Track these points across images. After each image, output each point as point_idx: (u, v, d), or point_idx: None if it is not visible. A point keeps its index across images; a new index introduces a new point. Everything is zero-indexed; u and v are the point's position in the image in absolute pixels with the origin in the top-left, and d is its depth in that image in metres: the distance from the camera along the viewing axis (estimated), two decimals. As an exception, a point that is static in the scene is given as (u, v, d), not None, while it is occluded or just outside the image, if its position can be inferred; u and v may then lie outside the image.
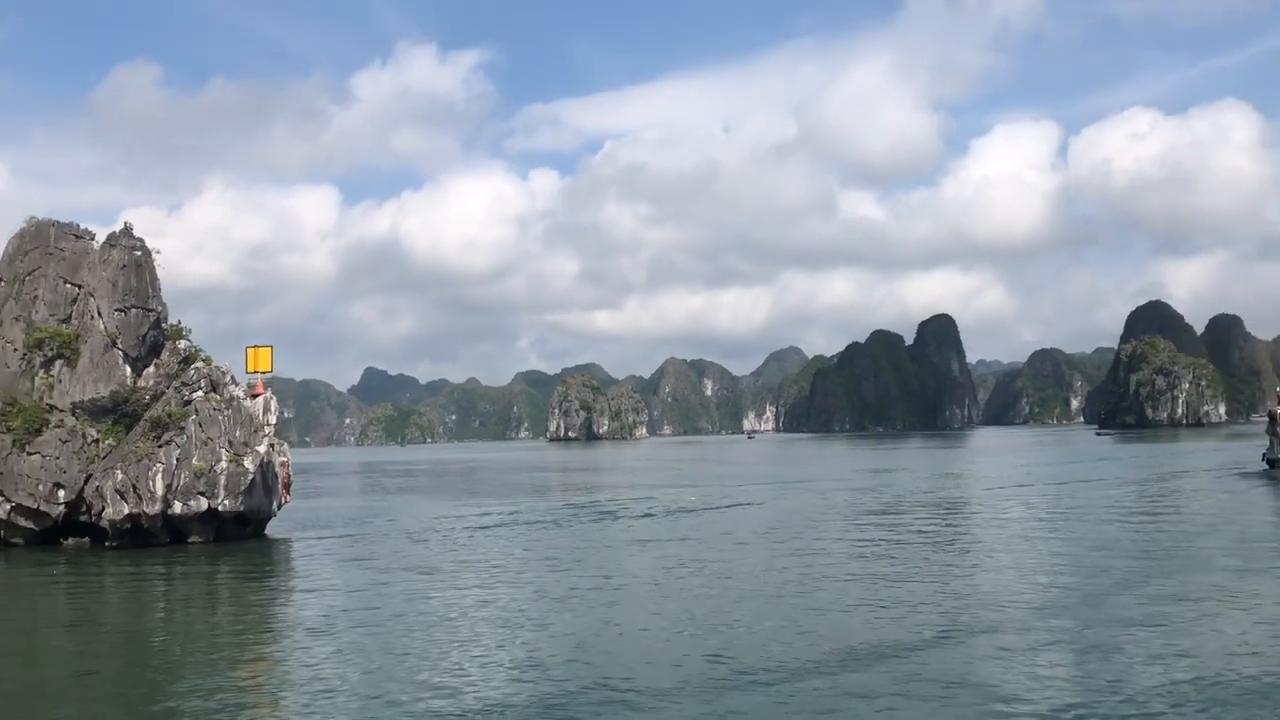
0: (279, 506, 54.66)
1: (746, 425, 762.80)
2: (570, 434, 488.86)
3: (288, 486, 55.50)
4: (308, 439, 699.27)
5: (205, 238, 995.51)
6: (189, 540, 50.63)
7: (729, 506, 66.75)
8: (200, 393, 51.14)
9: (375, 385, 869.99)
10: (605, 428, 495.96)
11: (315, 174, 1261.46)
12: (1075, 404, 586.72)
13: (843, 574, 36.62)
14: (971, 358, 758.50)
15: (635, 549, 46.04)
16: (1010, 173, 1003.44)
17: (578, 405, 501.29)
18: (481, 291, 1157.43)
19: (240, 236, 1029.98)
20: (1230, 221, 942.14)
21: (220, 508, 50.00)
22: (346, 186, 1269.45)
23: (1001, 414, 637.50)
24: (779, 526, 53.59)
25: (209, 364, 53.62)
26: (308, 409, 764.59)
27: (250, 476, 50.24)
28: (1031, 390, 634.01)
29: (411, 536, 52.99)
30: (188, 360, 52.95)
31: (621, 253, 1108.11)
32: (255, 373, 54.59)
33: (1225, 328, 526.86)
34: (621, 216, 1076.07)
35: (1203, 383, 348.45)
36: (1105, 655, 23.99)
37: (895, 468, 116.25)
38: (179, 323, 55.33)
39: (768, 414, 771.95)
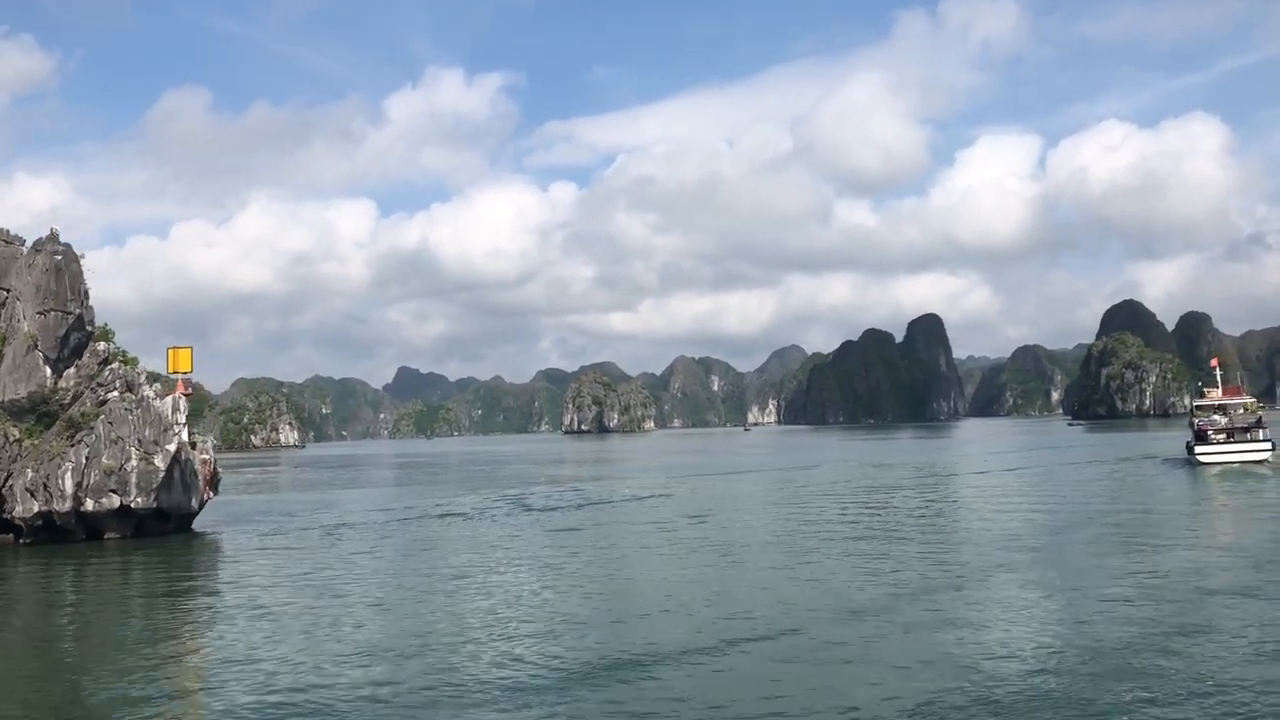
0: (201, 503, 51.81)
1: (750, 418, 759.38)
2: (583, 427, 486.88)
3: (211, 483, 52.69)
4: (344, 433, 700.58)
5: (251, 247, 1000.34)
6: (105, 536, 47.92)
7: (652, 496, 63.72)
8: (115, 393, 48.40)
9: (408, 383, 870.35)
10: (616, 421, 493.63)
11: (352, 188, 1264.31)
12: (1055, 396, 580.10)
13: (702, 567, 33.41)
14: (959, 354, 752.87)
15: (514, 543, 42.90)
16: (993, 182, 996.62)
17: (590, 400, 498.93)
18: (506, 296, 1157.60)
19: (284, 246, 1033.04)
20: (1199, 226, 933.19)
21: (133, 505, 47.22)
22: (381, 199, 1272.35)
23: (986, 406, 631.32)
24: (679, 517, 50.40)
25: (133, 365, 50.90)
26: (345, 405, 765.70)
27: (161, 474, 47.41)
28: (1014, 384, 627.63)
29: (331, 531, 50.03)
30: (106, 362, 50.18)
31: (634, 259, 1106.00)
32: (176, 373, 51.81)
33: (1194, 325, 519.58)
34: (632, 225, 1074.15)
35: (1169, 376, 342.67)
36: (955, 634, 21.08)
37: (846, 459, 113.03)
38: (105, 325, 52.60)
39: (770, 408, 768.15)
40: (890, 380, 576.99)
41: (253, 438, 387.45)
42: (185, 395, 50.42)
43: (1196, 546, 34.77)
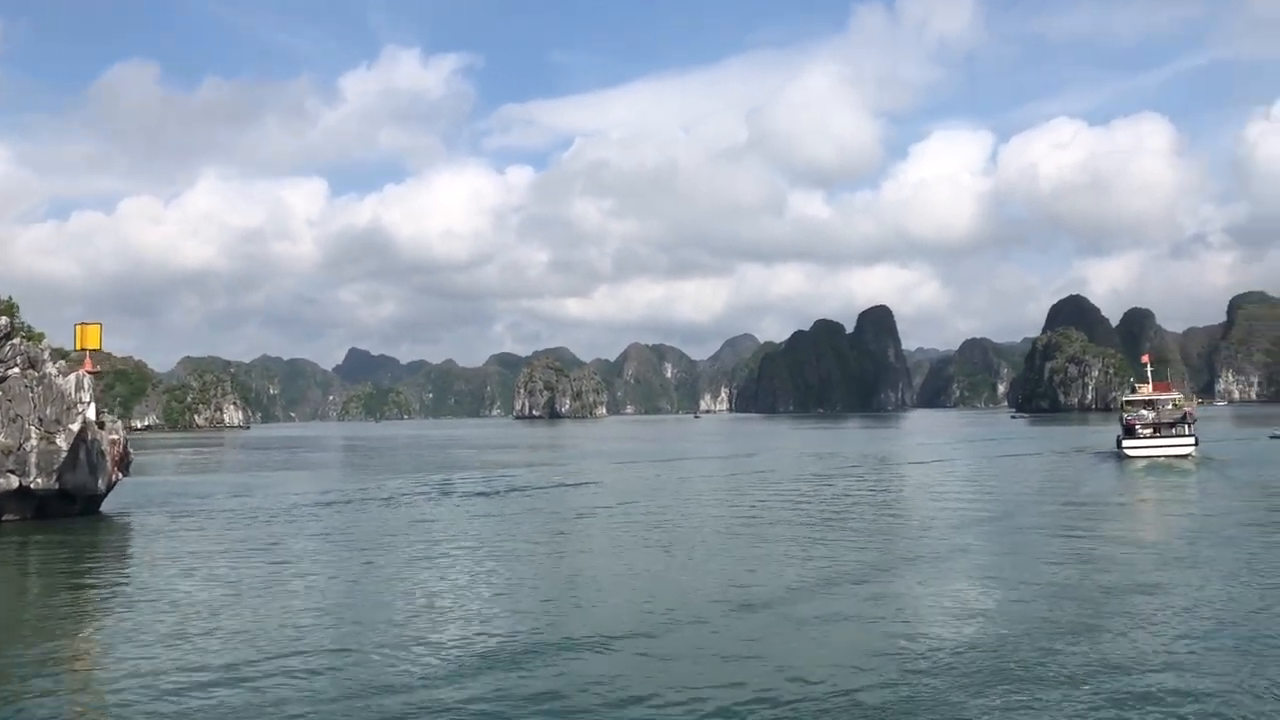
0: (109, 484, 50.06)
1: (702, 406, 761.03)
2: (535, 412, 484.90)
3: (121, 464, 50.90)
4: (292, 414, 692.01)
5: (201, 224, 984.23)
6: (3, 518, 46.01)
7: (584, 484, 62.71)
8: (16, 370, 46.47)
9: (359, 365, 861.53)
10: (568, 407, 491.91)
11: (304, 167, 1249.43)
12: (1001, 389, 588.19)
13: (590, 558, 32.54)
14: (909, 345, 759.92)
15: (427, 530, 41.71)
16: (946, 176, 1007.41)
17: (542, 386, 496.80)
18: (460, 279, 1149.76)
19: (234, 224, 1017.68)
20: (1145, 224, 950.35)
21: (33, 486, 45.40)
22: (334, 179, 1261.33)
23: (934, 397, 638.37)
24: (604, 504, 49.45)
25: (37, 341, 48.87)
26: (294, 386, 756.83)
27: (63, 454, 45.64)
28: (962, 376, 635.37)
29: (244, 515, 48.49)
30: (8, 337, 48.14)
31: (589, 244, 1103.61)
32: (84, 350, 49.95)
33: (1138, 320, 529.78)
34: (588, 210, 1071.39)
35: (1111, 371, 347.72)
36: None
37: (787, 447, 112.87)
38: (10, 299, 50.45)
39: (722, 395, 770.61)
40: (840, 370, 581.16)
41: (196, 418, 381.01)
42: (92, 373, 48.58)
43: (1108, 541, 34.36)
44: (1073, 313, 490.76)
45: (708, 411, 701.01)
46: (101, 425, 49.57)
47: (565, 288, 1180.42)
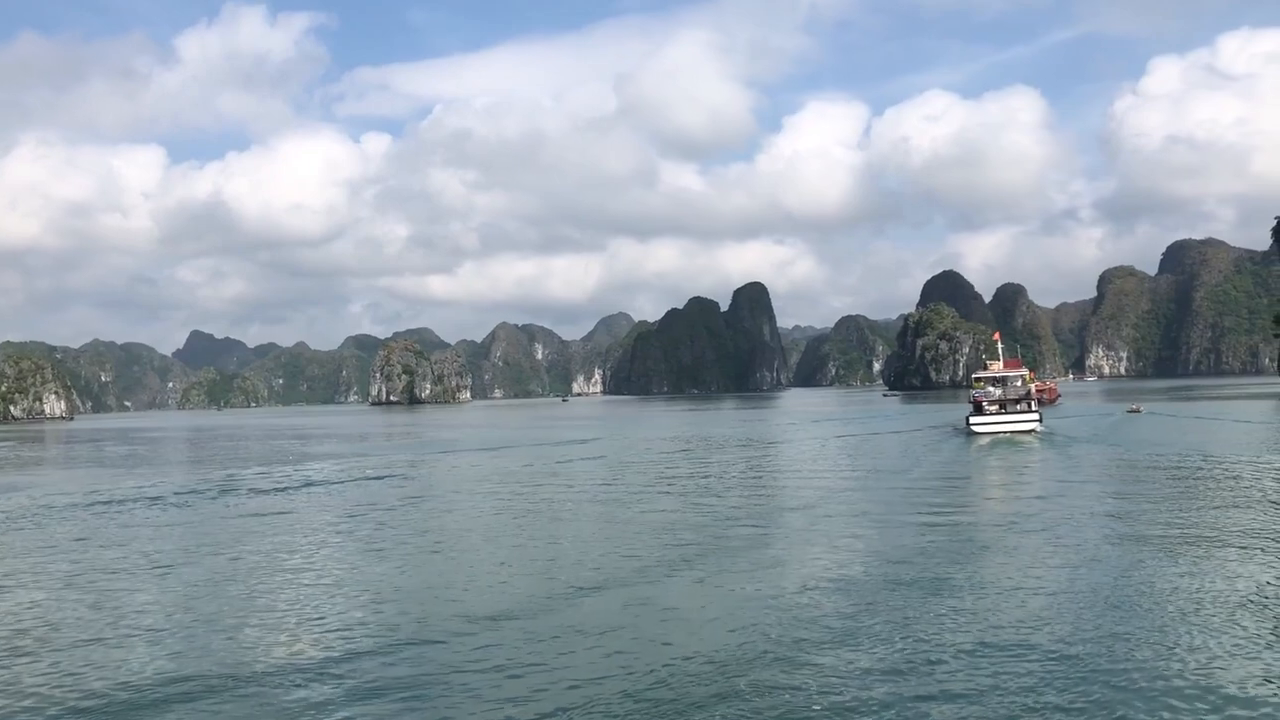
0: None
1: (575, 388, 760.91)
2: (393, 398, 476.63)
3: None
4: (127, 403, 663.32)
5: (20, 195, 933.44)
6: None
7: (391, 476, 59.60)
8: None
9: (201, 349, 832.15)
10: (428, 392, 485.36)
11: (137, 133, 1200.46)
12: (877, 367, 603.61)
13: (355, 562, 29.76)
14: (787, 324, 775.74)
15: (185, 534, 38.15)
16: (820, 149, 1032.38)
17: (400, 370, 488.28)
18: (312, 255, 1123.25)
19: (57, 195, 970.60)
20: (1017, 198, 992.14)
21: None
22: (171, 146, 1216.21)
23: (810, 376, 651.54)
24: (399, 499, 46.59)
25: None
26: (128, 373, 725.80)
27: None
28: (837, 354, 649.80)
29: (-24, 520, 43.79)
30: None
31: (452, 218, 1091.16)
32: None
33: (1010, 296, 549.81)
34: (450, 182, 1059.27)
35: (982, 347, 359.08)
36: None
37: (637, 432, 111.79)
38: None
39: (596, 377, 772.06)
40: (715, 350, 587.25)
41: (12, 408, 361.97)
42: None
43: (923, 519, 33.80)
44: (947, 288, 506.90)
45: (580, 394, 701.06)
46: None
47: (427, 265, 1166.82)
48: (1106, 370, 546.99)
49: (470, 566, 28.73)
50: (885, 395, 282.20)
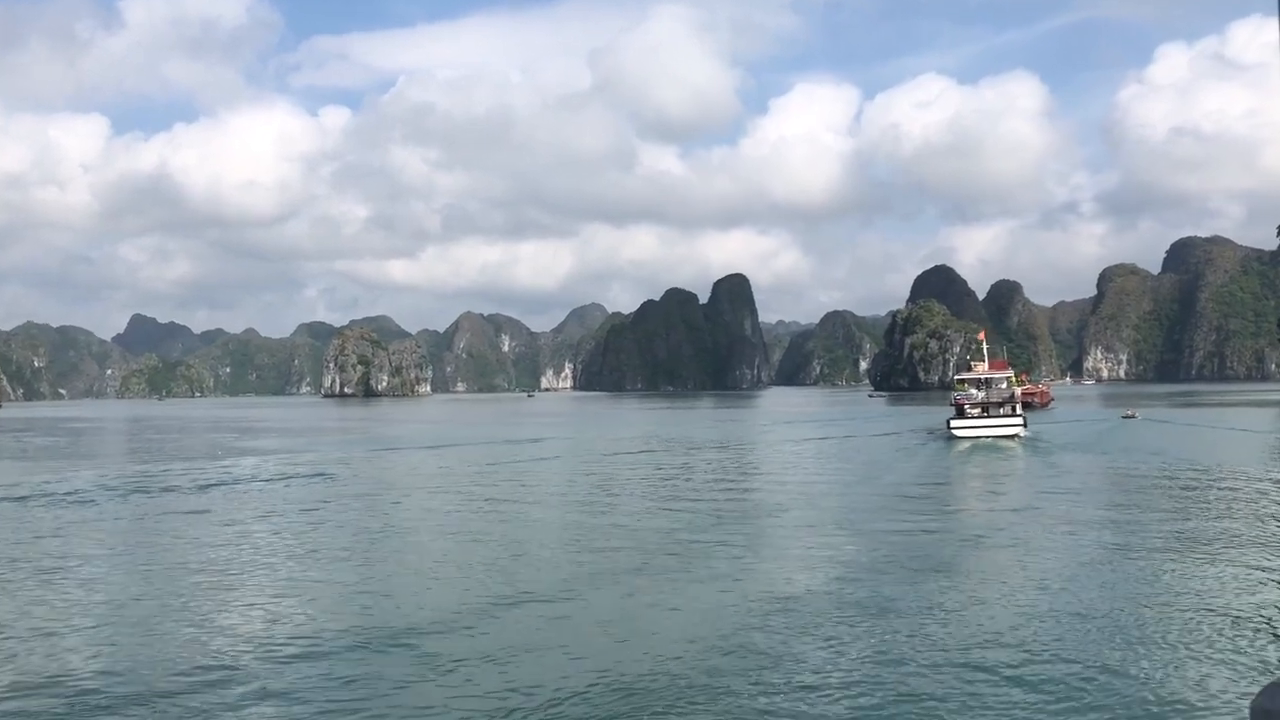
0: None
1: (543, 383, 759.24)
2: (347, 390, 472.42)
3: None
4: (62, 390, 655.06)
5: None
6: None
7: (313, 475, 58.37)
8: None
9: (144, 334, 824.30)
10: (385, 384, 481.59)
11: (78, 101, 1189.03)
12: (864, 366, 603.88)
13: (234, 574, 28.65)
14: (767, 318, 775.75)
15: (69, 535, 36.88)
16: (807, 134, 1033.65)
17: (355, 360, 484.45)
18: (263, 235, 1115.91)
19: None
20: (1014, 190, 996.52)
21: None
22: (114, 116, 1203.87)
23: (793, 374, 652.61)
24: (315, 501, 45.50)
25: None
26: (64, 358, 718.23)
27: None
28: (823, 352, 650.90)
29: None
30: None
31: (414, 198, 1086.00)
32: None
33: (1005, 293, 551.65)
34: (411, 160, 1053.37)
35: (974, 346, 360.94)
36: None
37: (598, 432, 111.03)
38: None
39: (566, 371, 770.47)
40: (692, 345, 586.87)
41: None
42: None
43: (893, 530, 33.50)
44: (939, 284, 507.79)
45: (548, 390, 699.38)
46: None
47: (387, 248, 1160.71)
48: (1105, 374, 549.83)
49: (378, 576, 27.83)
50: (870, 396, 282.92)
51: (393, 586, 26.24)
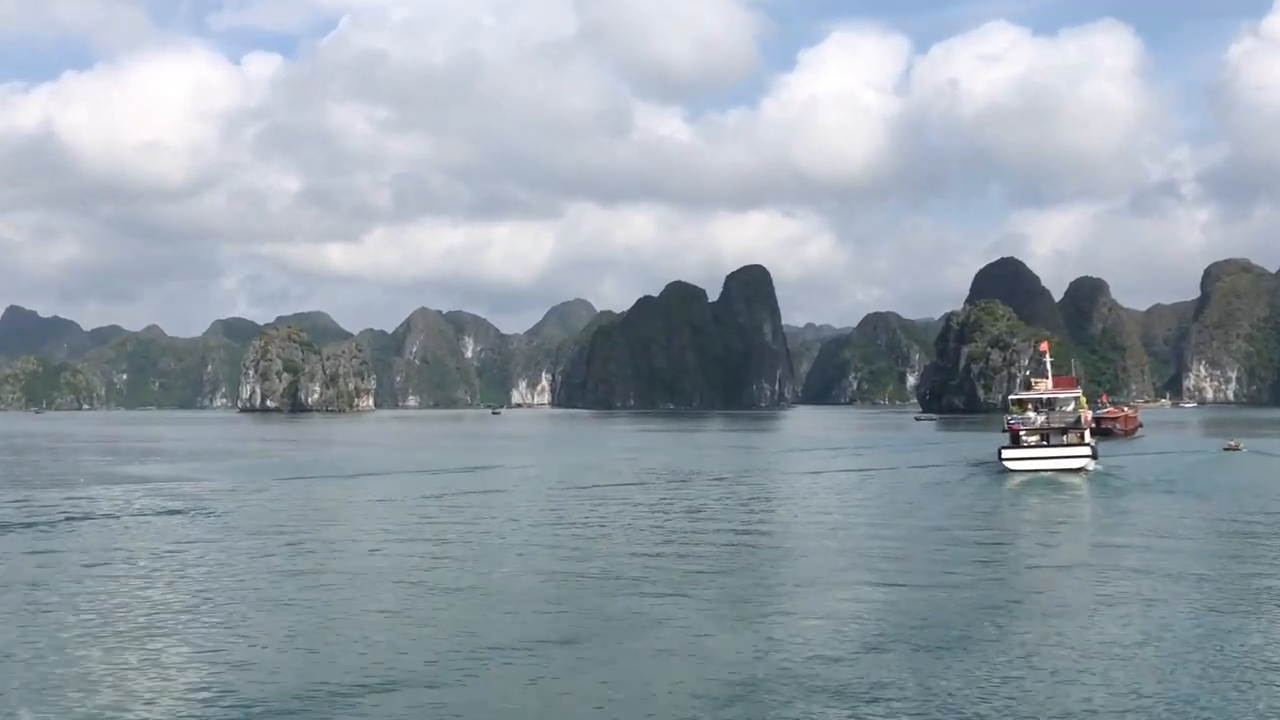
0: None
1: (515, 398, 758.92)
2: (269, 403, 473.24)
3: None
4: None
5: None
6: None
7: (187, 511, 57.30)
8: None
9: (20, 331, 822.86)
10: (317, 396, 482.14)
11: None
12: (912, 380, 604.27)
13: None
14: (796, 320, 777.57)
15: None
16: (844, 93, 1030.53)
17: (281, 366, 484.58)
18: (172, 211, 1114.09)
19: None
20: (1099, 166, 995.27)
21: None
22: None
23: (825, 391, 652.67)
24: (174, 544, 44.35)
25: None
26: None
27: None
28: (861, 363, 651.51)
29: None
30: None
31: (359, 168, 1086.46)
32: None
33: (1087, 293, 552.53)
34: (356, 121, 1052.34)
35: (1034, 359, 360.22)
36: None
37: (527, 462, 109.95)
38: None
39: (543, 384, 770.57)
40: (698, 352, 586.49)
41: None
42: None
43: (905, 591, 33.56)
44: (1005, 281, 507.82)
45: (520, 406, 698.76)
46: None
47: (324, 229, 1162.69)
48: (1210, 394, 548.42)
49: (215, 641, 27.28)
50: (918, 419, 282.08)
51: (220, 657, 25.38)
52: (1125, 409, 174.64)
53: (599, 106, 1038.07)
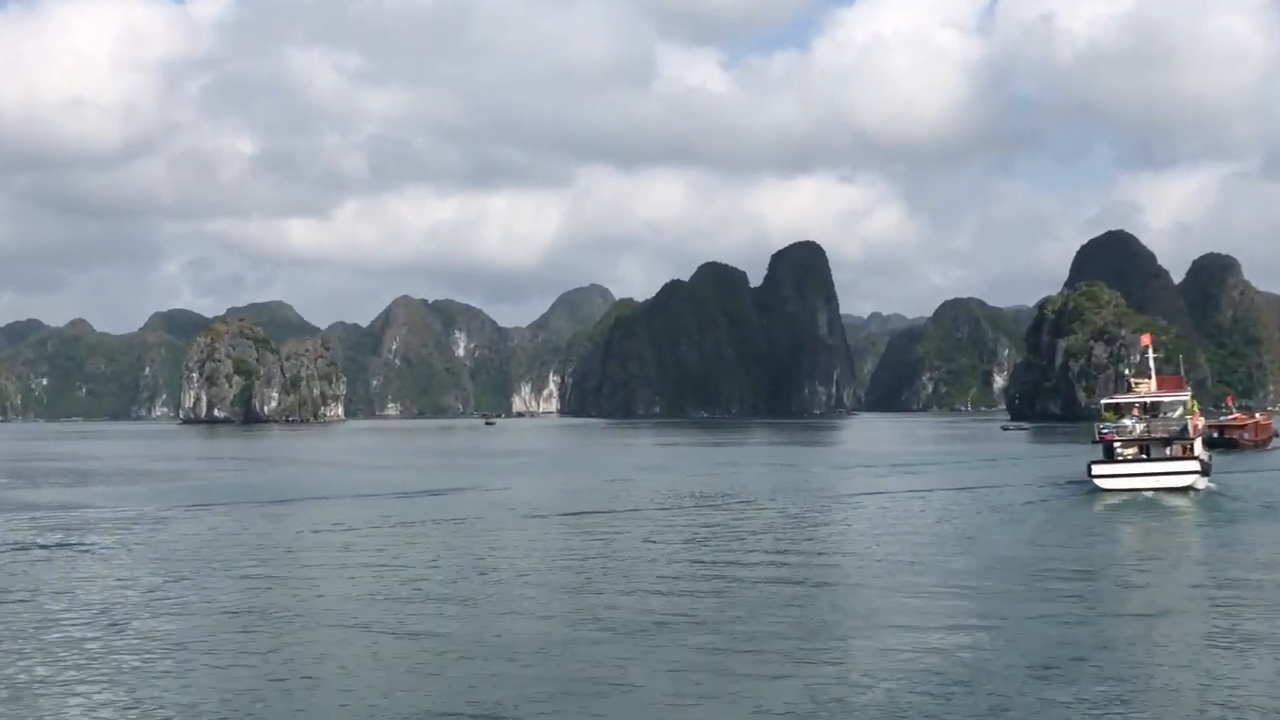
0: None
1: (517, 404, 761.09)
2: (218, 413, 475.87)
3: None
4: None
5: None
6: None
7: (42, 546, 57.85)
8: None
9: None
10: (275, 404, 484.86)
11: None
12: (1000, 381, 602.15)
13: None
14: (859, 309, 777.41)
15: None
16: (914, 32, 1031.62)
17: (231, 368, 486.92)
18: (101, 181, 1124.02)
19: None
20: (1227, 120, 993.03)
21: None
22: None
23: (893, 394, 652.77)
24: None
25: None
26: None
27: None
28: (937, 360, 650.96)
29: None
30: None
31: (326, 128, 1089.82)
32: None
33: (1214, 274, 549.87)
34: (321, 70, 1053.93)
35: (1161, 355, 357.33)
36: None
37: (507, 484, 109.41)
38: None
39: (550, 388, 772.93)
40: (738, 348, 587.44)
41: None
42: None
43: (947, 638, 33.37)
44: (1113, 259, 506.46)
45: (522, 414, 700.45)
46: None
47: (285, 202, 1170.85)
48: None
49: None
50: (1005, 429, 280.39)
51: None
52: (1256, 415, 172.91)
53: (615, 50, 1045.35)
